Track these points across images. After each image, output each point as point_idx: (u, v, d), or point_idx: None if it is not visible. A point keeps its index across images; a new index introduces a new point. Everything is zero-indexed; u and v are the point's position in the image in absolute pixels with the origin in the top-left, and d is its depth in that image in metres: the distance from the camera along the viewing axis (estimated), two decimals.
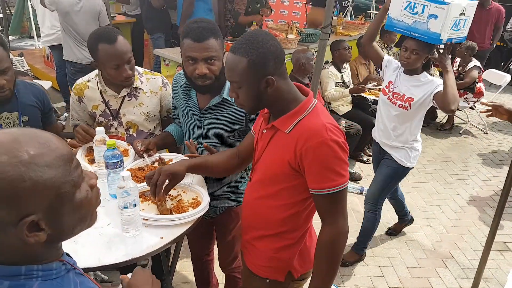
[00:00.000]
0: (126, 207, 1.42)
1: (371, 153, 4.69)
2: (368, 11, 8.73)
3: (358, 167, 4.46)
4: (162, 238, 1.47)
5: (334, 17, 5.91)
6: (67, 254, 0.89)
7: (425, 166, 4.60)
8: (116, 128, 2.09)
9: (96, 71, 2.06)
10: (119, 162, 1.63)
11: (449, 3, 2.28)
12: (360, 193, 3.92)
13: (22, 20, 8.00)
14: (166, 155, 1.98)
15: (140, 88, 2.06)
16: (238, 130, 1.83)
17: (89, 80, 2.06)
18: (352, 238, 3.24)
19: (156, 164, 1.91)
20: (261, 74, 1.29)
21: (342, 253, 1.39)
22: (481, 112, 2.32)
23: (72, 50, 4.21)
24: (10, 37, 7.73)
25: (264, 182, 1.46)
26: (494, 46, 6.85)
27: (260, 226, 1.52)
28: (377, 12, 7.70)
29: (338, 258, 1.38)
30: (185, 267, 2.85)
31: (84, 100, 2.05)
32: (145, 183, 1.71)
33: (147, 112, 2.10)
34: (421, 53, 2.48)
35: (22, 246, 0.73)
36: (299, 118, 1.34)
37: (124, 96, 2.04)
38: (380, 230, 3.38)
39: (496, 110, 2.17)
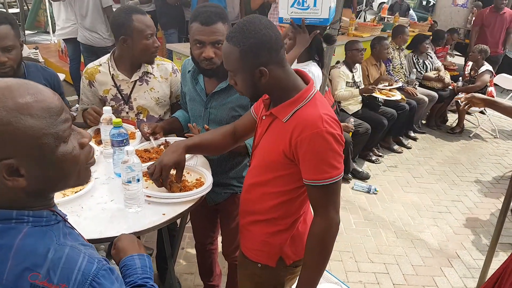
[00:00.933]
0: (130, 182, 1.43)
1: (379, 153, 4.69)
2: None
3: (366, 166, 4.44)
4: (164, 214, 1.48)
5: (346, 19, 5.92)
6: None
7: (434, 167, 4.56)
8: (127, 113, 2.11)
9: (107, 56, 2.09)
10: (125, 140, 1.65)
11: None
12: (368, 192, 3.91)
13: (38, 15, 8.14)
14: (172, 139, 1.99)
15: (151, 73, 2.10)
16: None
17: (101, 65, 2.09)
18: (359, 235, 3.24)
19: (162, 147, 1.93)
20: (253, 64, 1.26)
21: (332, 245, 1.37)
22: (461, 108, 2.36)
23: (82, 32, 4.49)
24: (26, 32, 7.88)
25: (260, 168, 1.46)
26: (506, 51, 6.79)
27: (254, 210, 1.52)
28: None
29: (329, 249, 1.36)
30: (189, 257, 2.87)
31: (95, 84, 2.08)
32: (149, 163, 1.72)
33: (158, 97, 2.13)
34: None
35: (5, 190, 0.77)
36: (297, 107, 1.32)
37: (136, 81, 2.07)
38: (386, 228, 3.37)
39: (471, 101, 2.20)
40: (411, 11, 9.15)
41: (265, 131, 1.43)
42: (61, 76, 4.66)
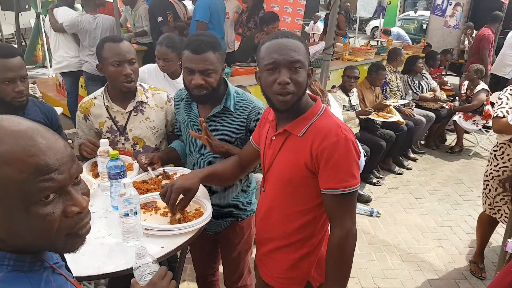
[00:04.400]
0: (127, 215, 1.41)
1: (380, 175, 4.67)
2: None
3: (367, 189, 4.40)
4: (163, 247, 1.45)
5: (340, 44, 6.03)
6: (63, 259, 0.87)
7: (436, 188, 4.52)
8: (123, 144, 2.10)
9: (102, 89, 2.10)
10: (122, 173, 1.64)
11: None
12: (371, 215, 3.86)
13: (36, 50, 8.27)
14: (170, 169, 1.98)
15: (145, 103, 2.10)
16: (239, 138, 1.83)
17: (95, 98, 2.10)
18: (364, 259, 3.18)
19: (160, 177, 1.91)
20: (308, 62, 1.36)
21: (352, 255, 1.37)
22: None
23: (89, 62, 4.68)
24: None
25: (278, 189, 1.46)
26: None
27: (276, 236, 1.51)
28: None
29: (349, 260, 1.37)
30: None
31: (90, 117, 2.08)
32: (147, 195, 1.72)
33: (154, 127, 2.13)
34: None
35: None
36: (311, 121, 1.37)
37: (131, 111, 2.07)
38: (391, 251, 3.31)
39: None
40: (401, 32, 9.27)
41: (279, 150, 1.43)
42: (59, 110, 4.69)
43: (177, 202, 1.54)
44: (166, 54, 2.67)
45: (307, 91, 1.44)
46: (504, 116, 2.56)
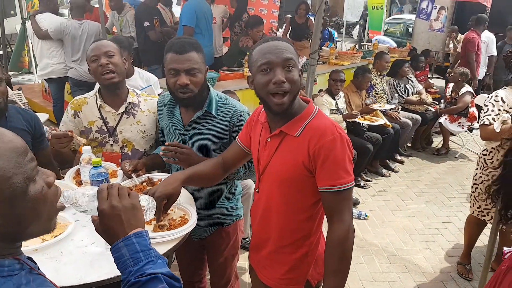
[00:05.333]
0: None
1: (368, 178, 4.70)
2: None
3: (355, 192, 4.42)
4: None
5: (326, 48, 6.07)
6: (30, 259, 0.88)
7: (423, 190, 4.57)
8: (111, 145, 2.11)
9: (96, 90, 2.12)
10: (104, 180, 1.62)
11: None
12: (358, 218, 3.87)
13: (22, 56, 8.17)
14: (155, 175, 1.97)
15: (138, 106, 2.12)
16: (222, 143, 1.83)
17: (89, 97, 2.12)
18: (352, 263, 3.18)
19: (144, 184, 1.89)
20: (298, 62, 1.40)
21: (351, 250, 1.40)
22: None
23: (75, 68, 4.66)
24: (10, 73, 7.87)
25: (274, 188, 1.48)
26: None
27: (275, 236, 1.53)
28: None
29: (349, 255, 1.40)
30: None
31: (81, 115, 2.09)
32: None
33: (144, 131, 2.13)
34: None
35: None
36: (306, 121, 1.41)
37: (122, 113, 2.08)
38: (379, 254, 3.32)
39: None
40: (383, 39, 9.34)
41: (275, 150, 1.45)
42: (45, 116, 4.64)
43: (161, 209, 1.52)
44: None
45: None
46: (490, 124, 2.59)
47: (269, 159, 1.47)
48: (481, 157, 2.81)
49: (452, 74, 5.68)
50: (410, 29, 10.87)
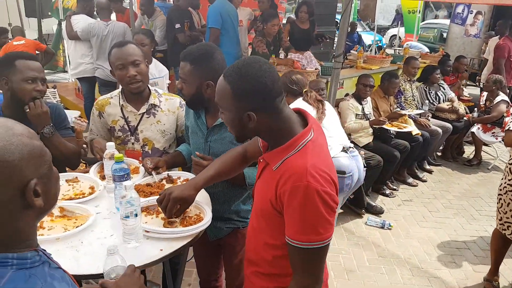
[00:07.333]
0: (128, 217, 1.42)
1: (394, 187, 4.59)
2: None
3: (380, 200, 4.33)
4: (161, 250, 1.45)
5: (354, 52, 5.99)
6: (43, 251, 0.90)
7: (451, 201, 4.41)
8: (133, 143, 2.17)
9: (119, 89, 2.19)
10: (126, 175, 1.65)
11: None
12: (382, 227, 3.78)
13: (57, 55, 8.50)
14: (174, 173, 2.00)
15: (158, 106, 2.17)
16: None
17: (112, 97, 2.19)
18: (372, 273, 3.11)
19: (164, 181, 1.92)
20: (243, 108, 1.20)
21: None
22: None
23: (102, 68, 4.74)
24: (46, 71, 8.20)
25: (256, 213, 1.40)
26: None
27: (256, 261, 1.42)
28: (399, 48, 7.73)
29: None
30: None
31: (104, 115, 2.16)
32: (150, 198, 1.73)
33: (164, 130, 2.18)
34: None
35: (16, 221, 0.78)
36: (287, 155, 1.22)
37: (143, 113, 2.14)
38: (401, 265, 3.23)
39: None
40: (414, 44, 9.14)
41: (259, 176, 1.38)
42: (76, 113, 4.80)
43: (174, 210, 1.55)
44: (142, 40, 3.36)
45: (301, 104, 1.38)
46: None
47: (257, 180, 1.40)
48: (507, 166, 2.69)
49: (485, 84, 5.47)
50: (445, 35, 10.59)
